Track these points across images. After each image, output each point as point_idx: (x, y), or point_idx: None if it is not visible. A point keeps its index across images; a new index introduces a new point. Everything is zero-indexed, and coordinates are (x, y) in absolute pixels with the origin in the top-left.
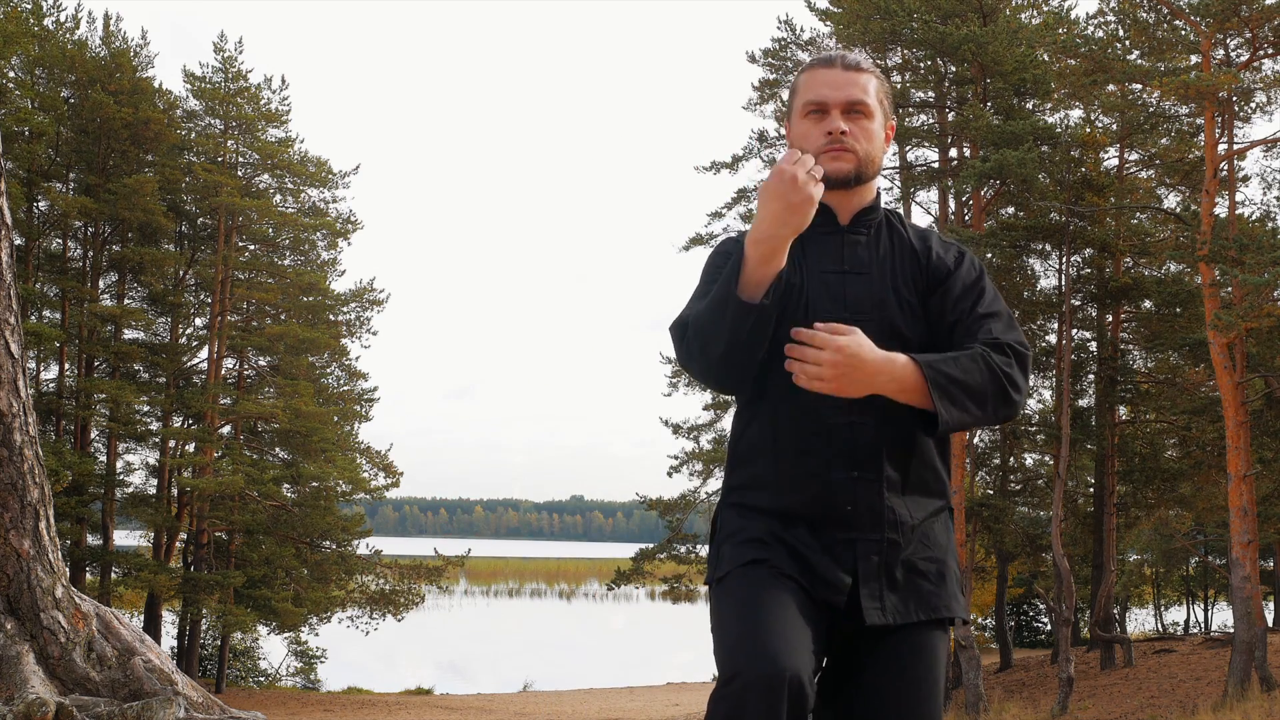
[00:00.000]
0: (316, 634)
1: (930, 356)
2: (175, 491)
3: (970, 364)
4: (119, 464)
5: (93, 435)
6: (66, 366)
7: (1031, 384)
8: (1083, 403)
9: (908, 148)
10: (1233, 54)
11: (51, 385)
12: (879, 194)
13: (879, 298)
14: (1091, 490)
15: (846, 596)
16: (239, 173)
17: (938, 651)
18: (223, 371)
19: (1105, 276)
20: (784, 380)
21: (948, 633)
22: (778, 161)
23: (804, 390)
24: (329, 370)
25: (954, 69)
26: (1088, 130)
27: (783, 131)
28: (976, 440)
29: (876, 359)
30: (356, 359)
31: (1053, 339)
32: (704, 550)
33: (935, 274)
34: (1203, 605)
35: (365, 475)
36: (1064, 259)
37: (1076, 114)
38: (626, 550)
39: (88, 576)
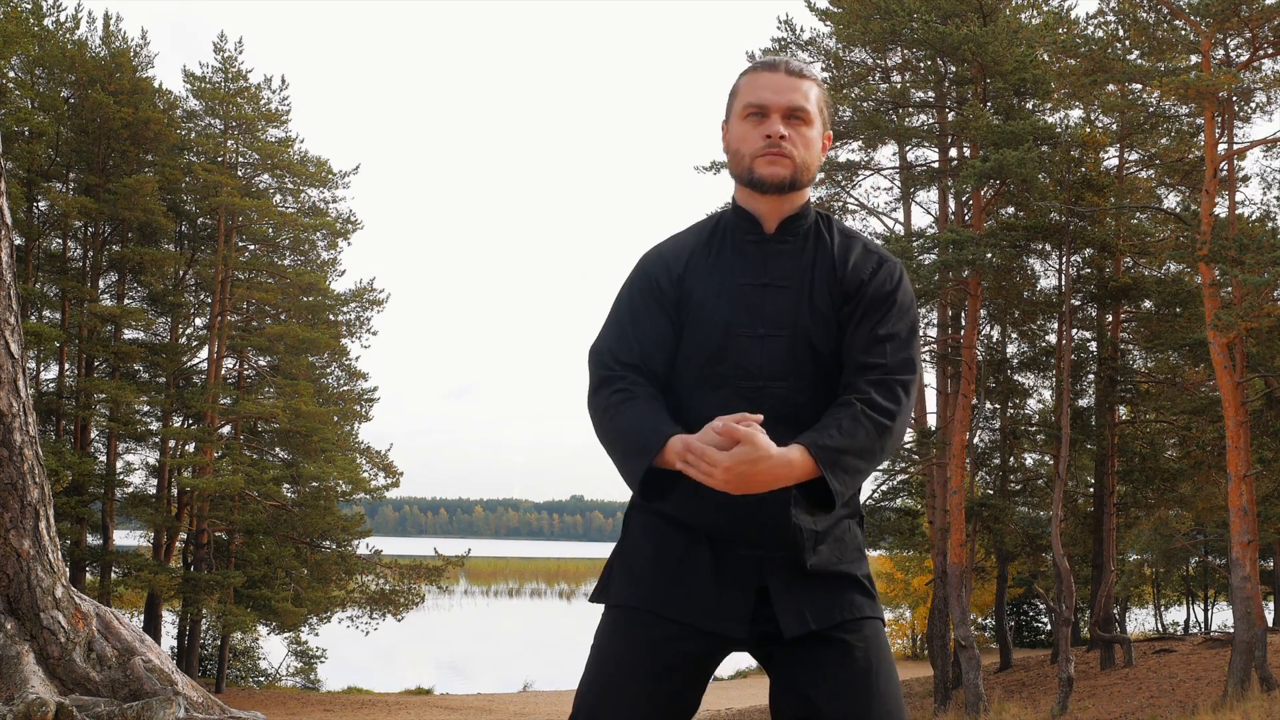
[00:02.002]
0: (316, 634)
1: (816, 437)
2: (175, 491)
3: (853, 426)
4: (119, 464)
5: (93, 435)
6: (66, 366)
7: (1031, 384)
8: (1083, 403)
9: (908, 148)
10: (1233, 54)
11: (51, 385)
12: (809, 201)
13: (796, 312)
14: (1091, 490)
15: (748, 620)
16: (239, 173)
17: (880, 639)
18: (223, 371)
19: (1105, 276)
20: (695, 400)
21: (882, 626)
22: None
23: (710, 405)
24: (329, 370)
25: (954, 69)
26: (1088, 130)
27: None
28: (976, 440)
29: (772, 465)
30: (356, 359)
31: (1053, 339)
32: None
33: (849, 285)
34: (1203, 605)
35: (365, 475)
36: (1064, 259)
37: (1076, 114)
38: None
39: (88, 576)
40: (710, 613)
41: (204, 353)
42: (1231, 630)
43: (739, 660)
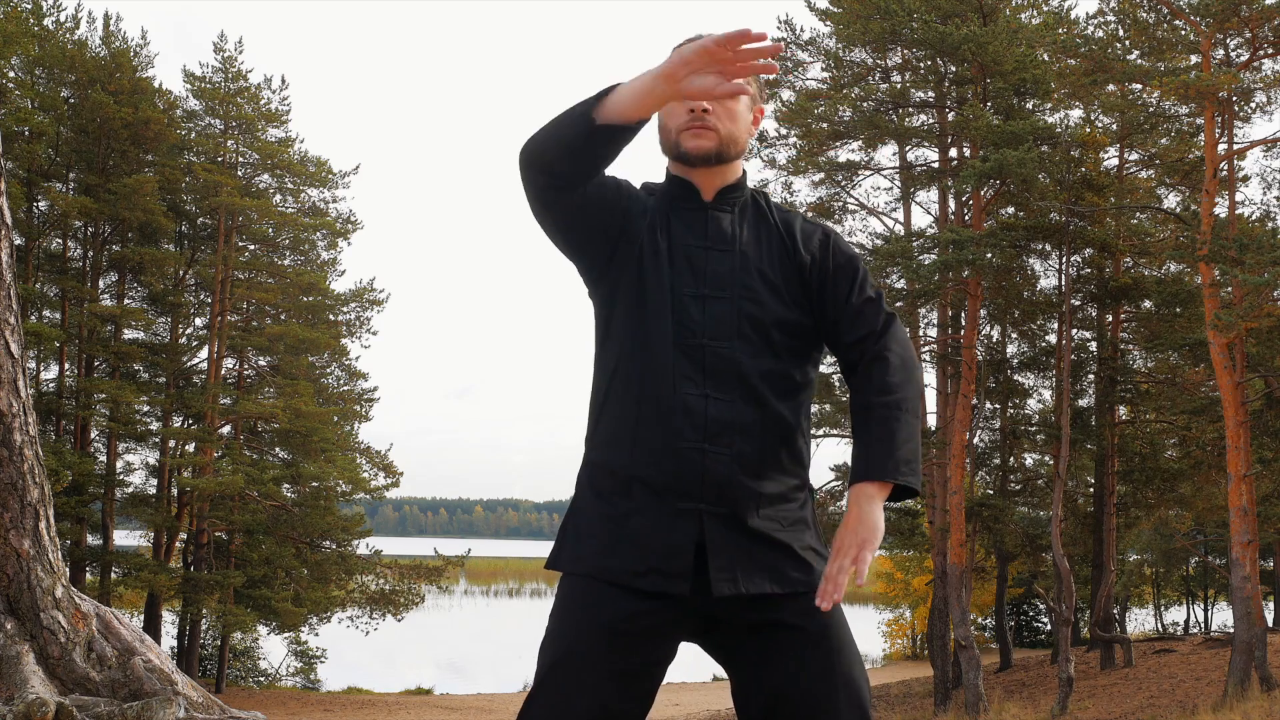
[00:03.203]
0: (316, 634)
1: (881, 456)
2: (175, 491)
3: (902, 420)
4: (119, 464)
5: (93, 435)
6: (66, 366)
7: (1031, 384)
8: (1083, 403)
9: (908, 148)
10: (1233, 54)
11: (51, 385)
12: (744, 174)
13: (739, 276)
14: (1091, 490)
15: (689, 577)
16: (239, 173)
17: (837, 616)
18: (223, 371)
19: (1105, 276)
20: (634, 344)
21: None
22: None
23: (659, 361)
24: (329, 370)
25: (954, 69)
26: (1088, 130)
27: (783, 131)
28: (976, 440)
29: (873, 522)
30: (356, 359)
31: (1053, 339)
32: None
33: (801, 257)
34: (1203, 605)
35: (365, 475)
36: (1064, 259)
37: (1076, 114)
38: None
39: (88, 576)
40: (651, 571)
41: (204, 353)
42: (1231, 630)
43: None
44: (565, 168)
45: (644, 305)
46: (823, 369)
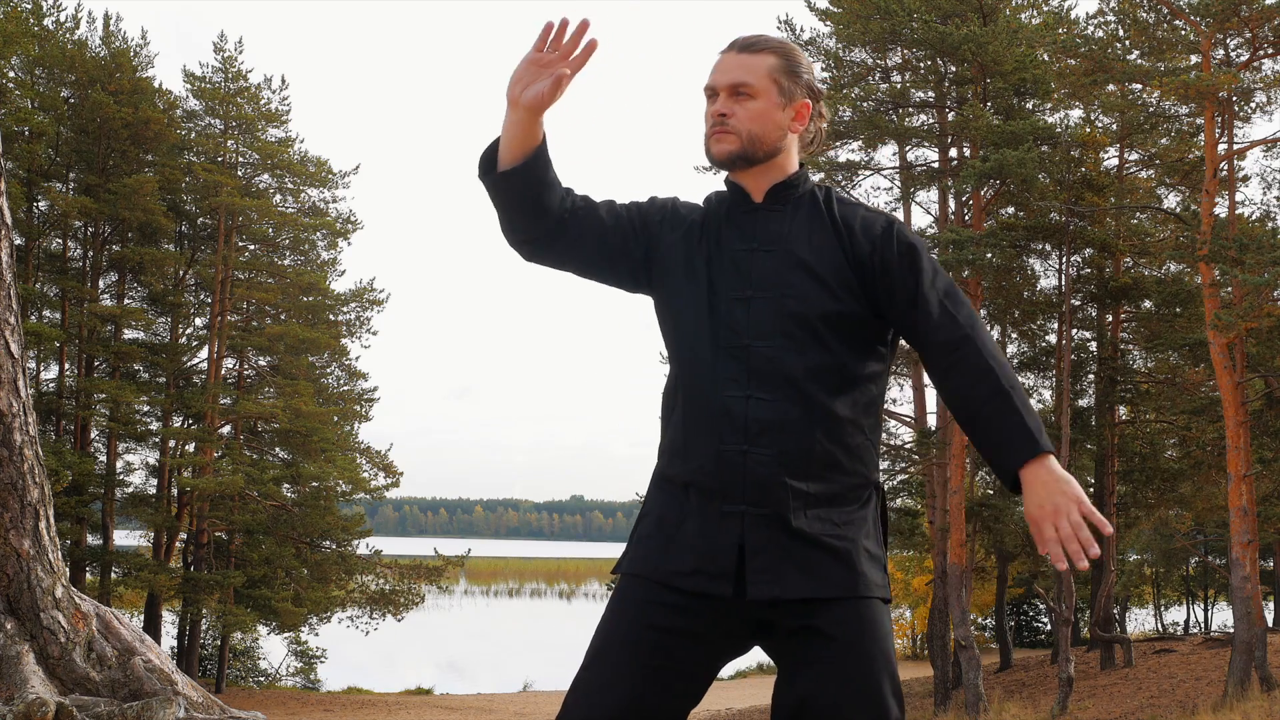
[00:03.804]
0: (316, 634)
1: (1027, 433)
2: (175, 491)
3: (1017, 394)
4: (119, 464)
5: (93, 435)
6: (66, 366)
7: (1031, 384)
8: (1083, 403)
9: (908, 148)
10: (1233, 54)
11: (51, 385)
12: (800, 171)
13: (781, 274)
14: (1091, 490)
15: (731, 579)
16: (239, 173)
17: (875, 623)
18: (223, 371)
19: (1105, 276)
20: (685, 353)
21: (883, 607)
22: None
23: (704, 367)
24: (329, 370)
25: (954, 69)
26: (1088, 130)
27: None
28: None
29: (1069, 478)
30: (356, 359)
31: (1053, 339)
32: None
33: (861, 249)
34: (1203, 605)
35: (365, 475)
36: (1064, 259)
37: (1076, 114)
38: None
39: (88, 576)
40: (695, 572)
41: (204, 353)
42: (1231, 630)
43: (739, 660)
44: (523, 224)
45: (688, 314)
46: None
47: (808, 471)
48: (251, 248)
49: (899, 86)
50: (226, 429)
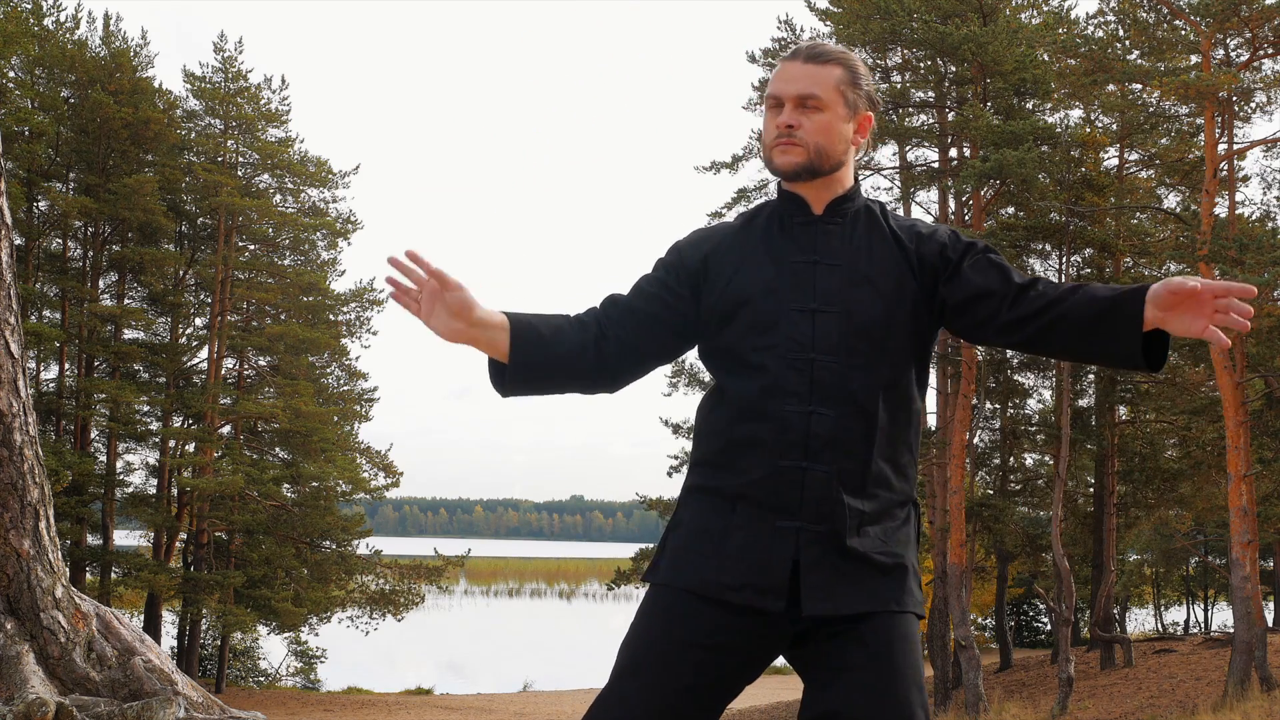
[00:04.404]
0: (316, 634)
1: (1114, 289)
2: (175, 491)
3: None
4: (119, 464)
5: (93, 435)
6: (66, 366)
7: (1031, 384)
8: (1083, 403)
9: (908, 148)
10: (1233, 54)
11: (51, 385)
12: (857, 184)
13: (847, 289)
14: (1091, 490)
15: (784, 595)
16: (239, 173)
17: (908, 638)
18: (223, 371)
19: (1105, 276)
20: (749, 367)
21: (916, 622)
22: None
23: (764, 378)
24: (329, 370)
25: (954, 69)
26: (1088, 130)
27: None
28: (976, 440)
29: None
30: (356, 359)
31: None
32: None
33: (927, 255)
34: (1203, 605)
35: (365, 475)
36: (1064, 259)
37: (1076, 114)
38: (626, 550)
39: (88, 576)
40: (745, 586)
41: (204, 353)
42: (1231, 630)
43: None
44: (582, 389)
45: (748, 323)
46: None
47: (863, 489)
48: (251, 248)
49: (899, 86)
50: (226, 429)
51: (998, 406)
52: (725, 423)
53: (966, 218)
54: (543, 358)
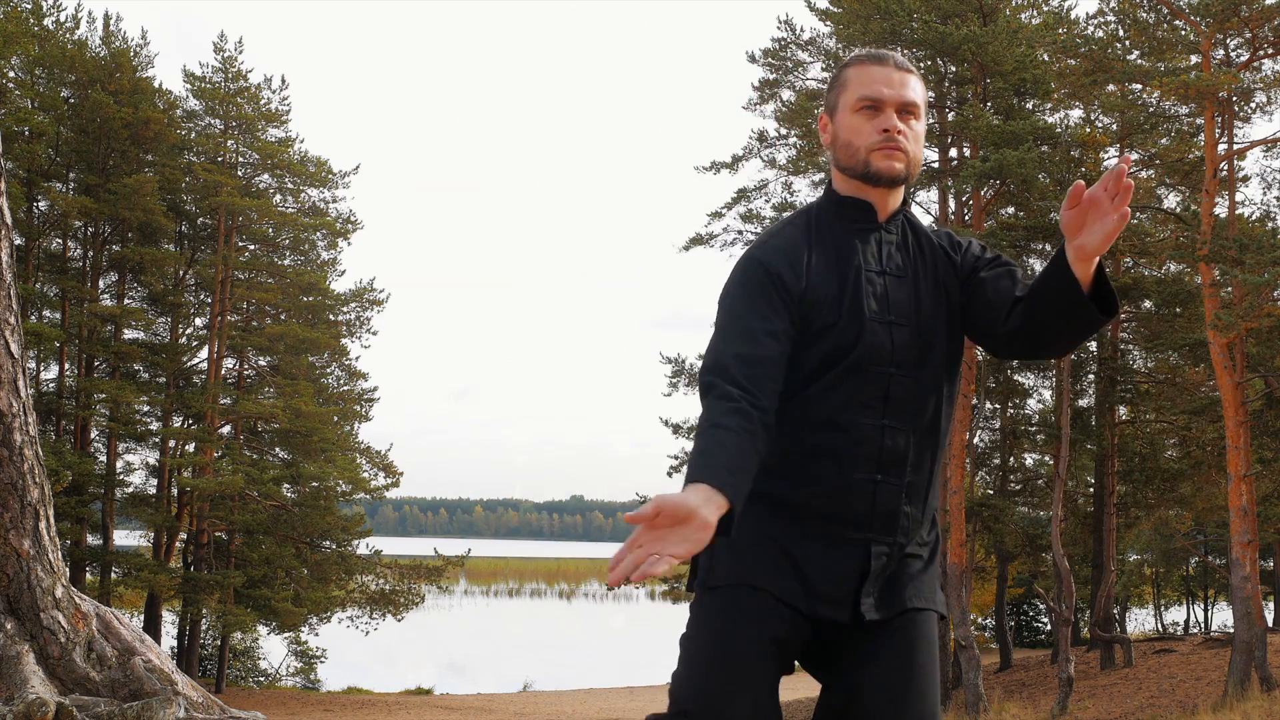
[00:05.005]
0: (316, 634)
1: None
2: (175, 491)
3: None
4: (119, 464)
5: (93, 435)
6: (66, 366)
7: (1031, 384)
8: (1083, 403)
9: None
10: (1233, 54)
11: (51, 385)
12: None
13: (917, 303)
14: (1091, 490)
15: (850, 604)
16: (239, 173)
17: (933, 638)
18: (223, 371)
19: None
20: (821, 390)
21: (937, 623)
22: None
23: (840, 388)
24: (329, 370)
25: (954, 69)
26: (1088, 130)
27: (782, 131)
28: (976, 440)
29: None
30: (356, 359)
31: None
32: None
33: (964, 268)
34: (1203, 605)
35: (365, 475)
36: None
37: (1076, 114)
38: None
39: (88, 576)
40: (813, 596)
41: (204, 353)
42: (1231, 630)
43: None
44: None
45: (831, 337)
46: None
47: (925, 501)
48: (251, 248)
49: None
50: (226, 429)
51: (997, 406)
52: (796, 431)
53: (966, 218)
54: (749, 483)
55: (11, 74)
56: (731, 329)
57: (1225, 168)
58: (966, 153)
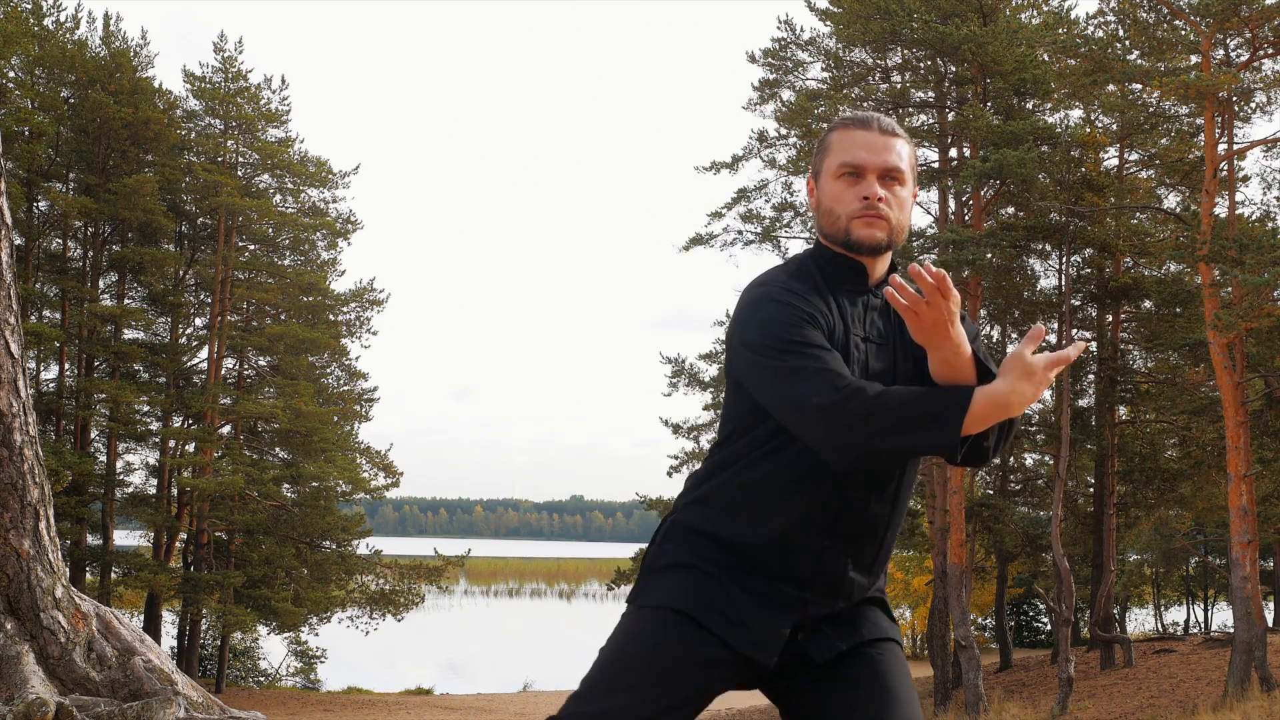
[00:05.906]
0: (316, 634)
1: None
2: (175, 491)
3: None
4: (119, 464)
5: (93, 435)
6: (66, 366)
7: None
8: (1083, 403)
9: None
10: (1233, 54)
11: (51, 385)
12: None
13: (889, 372)
14: (1091, 490)
15: (779, 651)
16: (239, 173)
17: (903, 662)
18: (223, 371)
19: (1105, 276)
20: (796, 456)
21: (899, 649)
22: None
23: (811, 457)
24: (329, 370)
25: (954, 69)
26: (1088, 130)
27: (782, 131)
28: None
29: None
30: (356, 359)
31: (1053, 339)
32: None
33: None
34: (1203, 605)
35: (365, 475)
36: (1064, 259)
37: (1076, 114)
38: (626, 550)
39: (88, 576)
40: (747, 636)
41: (204, 353)
42: (1231, 630)
43: None
44: None
45: None
46: None
47: (871, 567)
48: (251, 248)
49: (899, 86)
50: (226, 429)
51: None
52: (762, 482)
53: (966, 218)
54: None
55: (11, 74)
56: (808, 368)
57: (1225, 168)
58: (966, 153)
